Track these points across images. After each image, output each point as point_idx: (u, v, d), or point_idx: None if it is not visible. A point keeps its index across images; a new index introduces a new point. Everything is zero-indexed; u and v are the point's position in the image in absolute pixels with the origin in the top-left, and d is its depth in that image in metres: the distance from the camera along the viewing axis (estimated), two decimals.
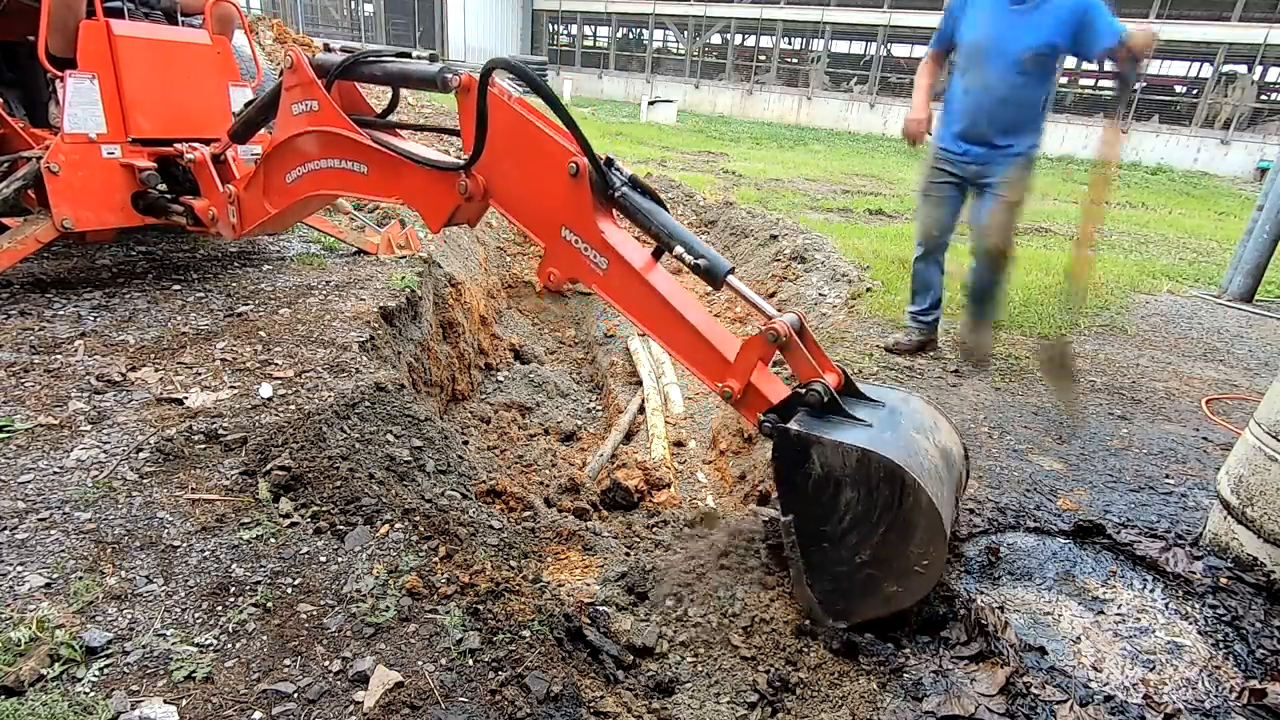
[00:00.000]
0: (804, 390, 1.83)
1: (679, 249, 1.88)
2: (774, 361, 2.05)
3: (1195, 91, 21.49)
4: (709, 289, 2.32)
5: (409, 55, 2.33)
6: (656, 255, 2.01)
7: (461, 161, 2.08)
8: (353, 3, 31.86)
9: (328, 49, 2.50)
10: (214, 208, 3.35)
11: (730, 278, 1.91)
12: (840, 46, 28.68)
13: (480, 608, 1.82)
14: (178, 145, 3.52)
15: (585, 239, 1.95)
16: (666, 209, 1.99)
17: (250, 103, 3.04)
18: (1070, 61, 3.94)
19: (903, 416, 1.93)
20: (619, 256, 1.91)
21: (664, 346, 1.94)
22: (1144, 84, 21.12)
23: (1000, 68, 3.39)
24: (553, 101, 1.93)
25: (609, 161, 1.94)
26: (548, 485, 3.56)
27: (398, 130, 2.55)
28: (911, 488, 1.69)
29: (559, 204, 1.96)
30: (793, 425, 1.78)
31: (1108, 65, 3.45)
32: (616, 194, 1.92)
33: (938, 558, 1.76)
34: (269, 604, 1.76)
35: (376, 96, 2.82)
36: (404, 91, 2.61)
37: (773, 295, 5.72)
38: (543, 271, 2.04)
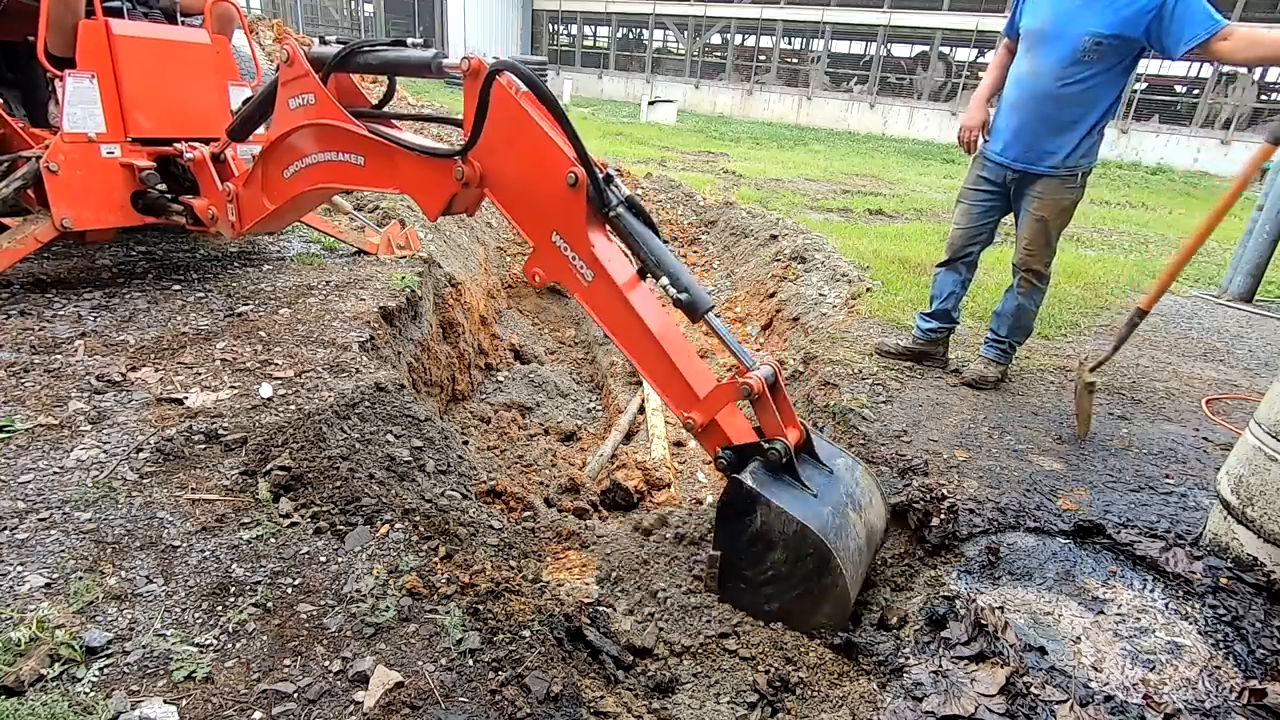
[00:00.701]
0: (766, 445, 1.92)
1: (664, 280, 1.91)
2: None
3: (1195, 91, 21.50)
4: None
5: (404, 44, 2.32)
6: (642, 275, 2.01)
7: (458, 148, 2.05)
8: (353, 3, 31.88)
9: (324, 42, 2.50)
10: (213, 207, 3.35)
11: (709, 315, 1.95)
12: (840, 46, 28.68)
13: (480, 608, 1.82)
14: (177, 145, 3.51)
15: (575, 249, 1.95)
16: (658, 233, 2.01)
17: (248, 100, 3.03)
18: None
19: (844, 489, 2.05)
20: (605, 273, 1.92)
21: (637, 367, 1.97)
22: (1145, 85, 21.12)
23: (1055, 54, 2.94)
24: (556, 110, 1.93)
25: (609, 178, 1.94)
26: (548, 485, 3.56)
27: (394, 121, 2.54)
28: (834, 571, 1.85)
29: (553, 209, 1.95)
30: (747, 478, 1.88)
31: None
32: (611, 213, 1.93)
33: (838, 622, 1.96)
34: (269, 604, 1.76)
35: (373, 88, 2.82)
36: (404, 91, 2.61)
37: (773, 295, 5.73)
38: (529, 268, 2.05)
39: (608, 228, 1.98)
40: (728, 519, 1.94)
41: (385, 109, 2.62)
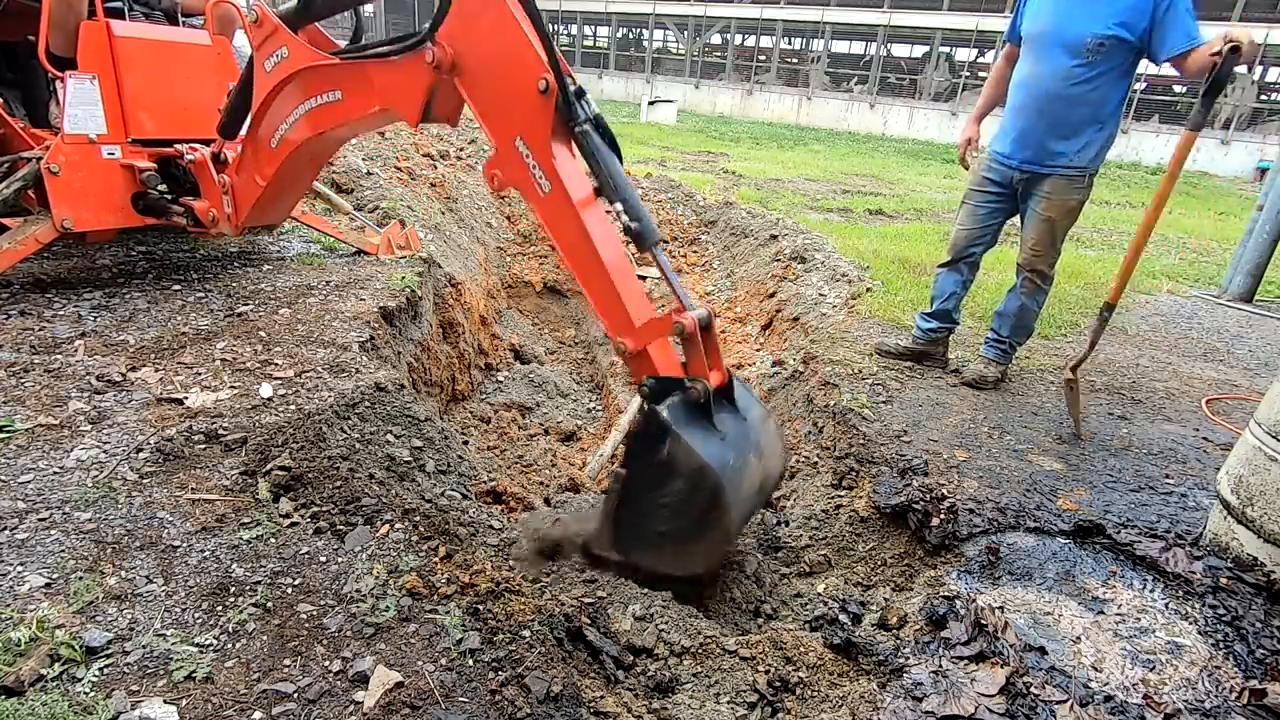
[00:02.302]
0: (689, 382, 1.97)
1: (619, 205, 1.90)
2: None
3: (1193, 90, 21.51)
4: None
5: None
6: (598, 194, 1.99)
7: (422, 33, 1.99)
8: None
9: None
10: (213, 208, 3.35)
11: (657, 249, 1.96)
12: (840, 46, 28.71)
13: (480, 608, 1.82)
14: (178, 146, 3.52)
15: (536, 157, 1.91)
16: (621, 158, 1.99)
17: (229, 94, 3.03)
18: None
19: (752, 437, 2.12)
20: (563, 186, 1.89)
21: (580, 285, 1.98)
22: (1145, 85, 21.11)
23: (1057, 57, 2.97)
24: (535, 15, 1.88)
25: (580, 92, 1.90)
26: (548, 485, 3.56)
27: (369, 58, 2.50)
28: (723, 509, 1.94)
29: (519, 112, 1.90)
30: (663, 410, 1.94)
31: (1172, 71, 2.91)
32: (577, 129, 1.90)
33: (714, 558, 2.15)
34: (269, 604, 1.76)
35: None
36: None
37: (773, 295, 5.72)
38: (488, 169, 2.02)
39: (572, 143, 1.95)
40: (638, 445, 2.03)
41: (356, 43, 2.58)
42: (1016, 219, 3.46)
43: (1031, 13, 3.11)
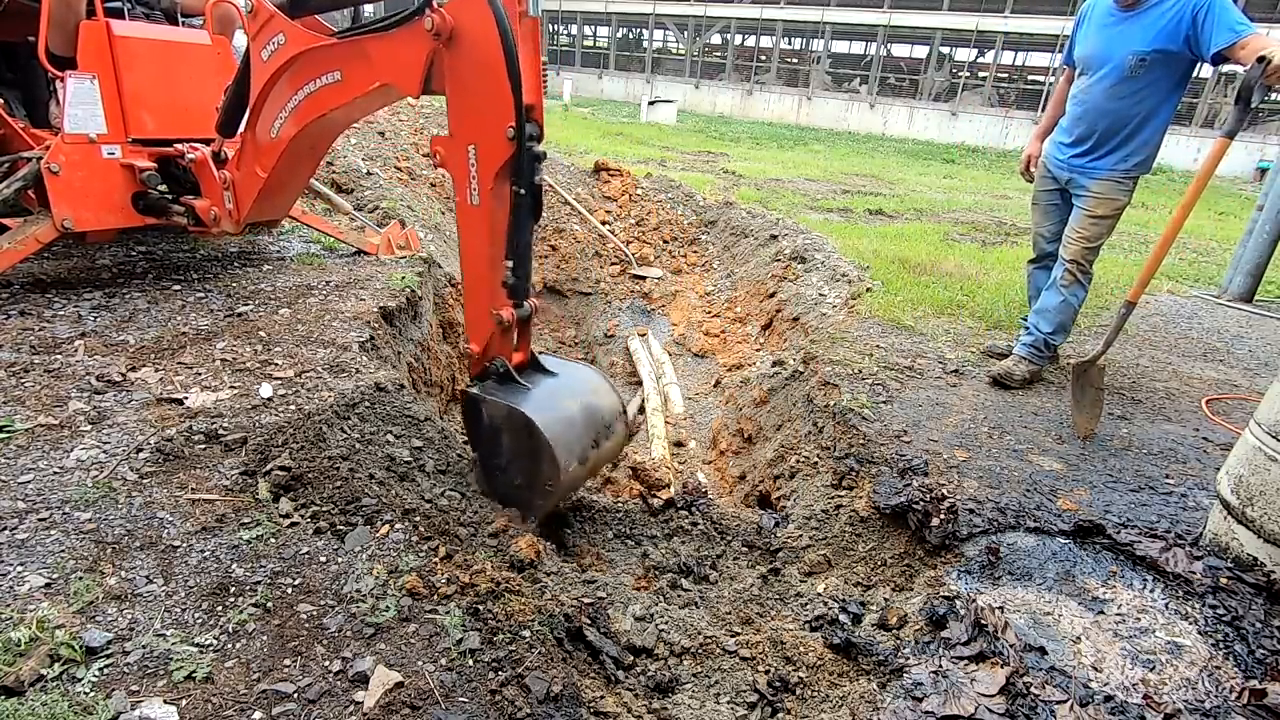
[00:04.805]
0: (488, 365, 2.27)
1: (509, 262, 2.15)
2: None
3: (1195, 91, 21.50)
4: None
5: None
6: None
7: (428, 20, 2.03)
8: None
9: None
10: (215, 207, 3.35)
11: (523, 305, 2.25)
12: (840, 46, 28.71)
13: (480, 608, 1.82)
14: (178, 145, 3.51)
15: (479, 176, 2.07)
16: (539, 218, 2.18)
17: (226, 91, 3.03)
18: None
19: (564, 383, 2.42)
20: (487, 210, 2.09)
21: (465, 285, 2.26)
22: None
23: (1105, 77, 3.24)
24: (514, 75, 1.95)
25: (538, 157, 2.05)
26: None
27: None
28: (536, 432, 2.19)
29: (483, 133, 2.02)
30: (472, 389, 2.27)
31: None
32: (515, 188, 2.07)
33: (556, 484, 2.27)
34: (269, 604, 1.76)
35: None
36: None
37: (773, 295, 5.73)
38: (435, 144, 2.14)
39: (508, 184, 2.11)
40: (470, 425, 2.36)
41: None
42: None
43: (1081, 38, 3.42)
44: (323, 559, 1.94)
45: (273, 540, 1.98)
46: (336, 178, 5.80)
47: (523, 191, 2.07)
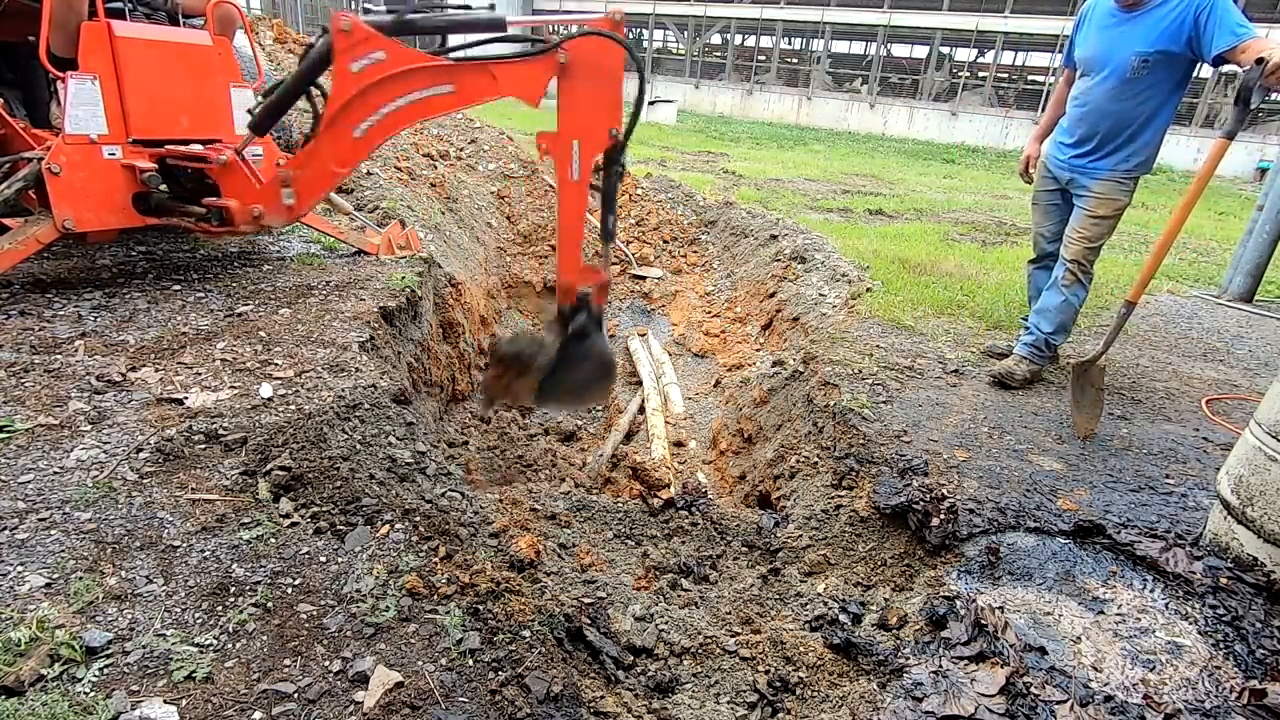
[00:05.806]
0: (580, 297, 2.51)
1: (610, 218, 2.50)
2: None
3: (1195, 91, 21.50)
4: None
5: (469, 8, 2.56)
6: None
7: (554, 41, 2.42)
8: (353, 3, 31.90)
9: (366, 10, 2.65)
10: (258, 204, 3.27)
11: (611, 241, 2.57)
12: (840, 46, 28.70)
13: (480, 608, 1.82)
14: (194, 146, 3.50)
15: (582, 160, 2.39)
16: (616, 197, 2.50)
17: (270, 91, 3.04)
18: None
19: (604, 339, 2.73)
20: (585, 183, 2.41)
21: (559, 241, 2.52)
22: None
23: (1107, 78, 3.24)
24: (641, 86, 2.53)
25: (620, 147, 2.37)
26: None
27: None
28: (611, 373, 2.55)
29: (587, 132, 2.38)
30: (582, 321, 2.51)
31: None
32: (616, 169, 2.42)
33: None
34: (269, 604, 1.76)
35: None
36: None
37: (773, 295, 5.73)
38: (543, 138, 2.40)
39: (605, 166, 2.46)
40: (566, 342, 2.55)
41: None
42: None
43: (1082, 40, 3.41)
44: (323, 559, 1.94)
45: (273, 540, 1.98)
46: None
47: (620, 168, 2.47)
